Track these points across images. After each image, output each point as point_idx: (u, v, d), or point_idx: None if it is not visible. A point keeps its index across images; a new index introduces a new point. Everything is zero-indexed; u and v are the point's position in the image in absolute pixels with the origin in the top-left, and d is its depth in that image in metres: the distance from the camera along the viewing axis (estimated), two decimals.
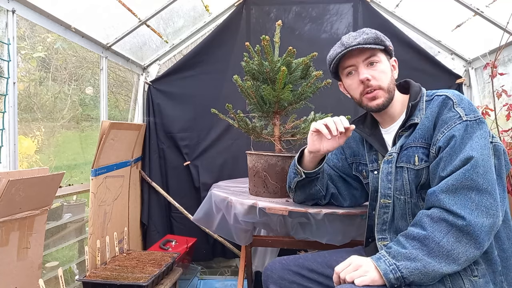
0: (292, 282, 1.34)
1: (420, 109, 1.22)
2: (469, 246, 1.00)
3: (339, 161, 1.53)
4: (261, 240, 2.01)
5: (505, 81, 2.17)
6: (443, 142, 1.11)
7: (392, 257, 1.05)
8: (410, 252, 1.03)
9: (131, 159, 2.44)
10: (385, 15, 2.57)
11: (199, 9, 2.67)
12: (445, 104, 1.16)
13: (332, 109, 1.90)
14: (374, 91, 1.25)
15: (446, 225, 1.02)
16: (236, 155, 2.62)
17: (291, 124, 1.78)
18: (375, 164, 1.36)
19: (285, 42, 1.73)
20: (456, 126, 1.10)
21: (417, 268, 1.01)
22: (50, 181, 1.51)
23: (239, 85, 1.66)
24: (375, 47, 1.24)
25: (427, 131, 1.17)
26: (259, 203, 1.50)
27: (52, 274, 1.90)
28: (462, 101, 1.14)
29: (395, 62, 1.34)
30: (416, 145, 1.19)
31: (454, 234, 1.01)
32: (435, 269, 1.01)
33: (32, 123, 2.56)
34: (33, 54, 2.51)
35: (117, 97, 3.01)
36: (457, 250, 1.00)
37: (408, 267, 1.01)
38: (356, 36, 1.26)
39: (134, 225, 2.57)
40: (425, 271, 1.01)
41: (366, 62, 1.26)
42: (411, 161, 1.19)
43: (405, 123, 1.24)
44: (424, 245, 1.03)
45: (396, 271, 1.02)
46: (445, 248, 1.00)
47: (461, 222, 1.00)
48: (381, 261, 1.05)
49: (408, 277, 1.01)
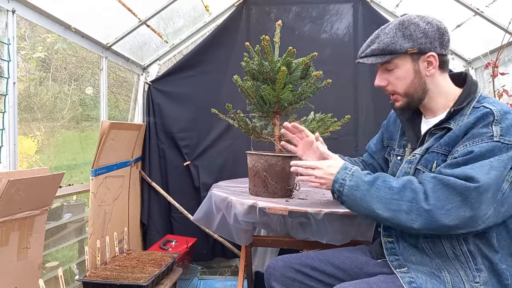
0: (294, 280, 1.34)
1: (463, 114, 1.14)
2: (411, 222, 1.05)
3: (375, 146, 1.54)
4: (261, 240, 2.01)
5: (506, 81, 2.17)
6: (459, 154, 1.07)
7: (351, 174, 1.17)
8: (363, 184, 1.13)
9: (131, 159, 2.44)
10: (385, 15, 2.57)
11: (199, 9, 2.67)
12: (484, 119, 1.07)
13: (332, 109, 1.90)
14: (392, 95, 1.25)
15: (412, 198, 1.06)
16: (236, 155, 2.62)
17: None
18: (401, 150, 1.34)
19: (285, 42, 1.73)
20: (482, 144, 1.04)
21: (355, 195, 1.14)
22: (50, 181, 1.51)
23: (239, 85, 1.66)
24: (378, 61, 1.19)
25: (455, 139, 1.12)
26: (259, 203, 1.50)
27: (52, 274, 1.90)
28: (505, 121, 1.05)
29: (432, 57, 1.17)
30: (439, 152, 1.16)
31: (409, 206, 1.06)
32: (369, 207, 1.11)
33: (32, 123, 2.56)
34: (33, 54, 2.52)
35: (117, 97, 3.01)
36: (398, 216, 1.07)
37: (350, 189, 1.14)
38: (371, 42, 1.22)
39: (134, 225, 2.57)
40: (359, 202, 1.13)
41: (383, 68, 1.23)
42: (428, 166, 1.17)
43: (442, 123, 1.18)
44: (379, 190, 1.11)
45: (342, 185, 1.16)
46: (392, 205, 1.09)
47: (425, 206, 1.04)
48: (344, 171, 1.18)
49: (343, 196, 1.17)
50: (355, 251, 1.39)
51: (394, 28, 1.18)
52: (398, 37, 1.17)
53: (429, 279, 1.09)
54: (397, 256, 1.18)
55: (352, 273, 1.30)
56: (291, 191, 1.69)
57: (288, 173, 1.65)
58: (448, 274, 1.09)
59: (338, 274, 1.32)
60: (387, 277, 1.15)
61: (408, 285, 1.08)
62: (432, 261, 1.12)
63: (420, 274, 1.11)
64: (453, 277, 1.08)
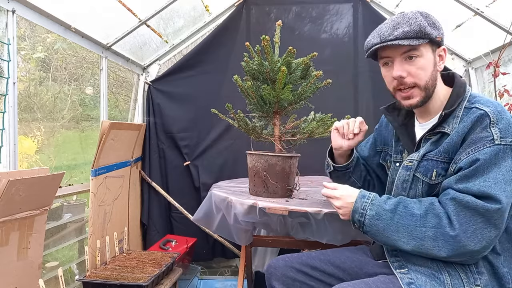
0: (295, 280, 1.34)
1: (455, 117, 1.12)
2: (438, 249, 1.05)
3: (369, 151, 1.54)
4: (261, 240, 2.01)
5: (506, 81, 2.17)
6: (464, 164, 1.05)
7: (371, 203, 1.14)
8: (385, 212, 1.11)
9: (131, 159, 2.44)
10: (385, 15, 2.57)
11: (199, 9, 2.67)
12: (480, 122, 1.05)
13: (332, 109, 1.90)
14: (409, 89, 1.15)
15: (437, 224, 1.05)
16: (236, 155, 2.62)
17: (291, 124, 1.78)
18: (399, 156, 1.33)
19: (285, 42, 1.73)
20: (485, 149, 1.02)
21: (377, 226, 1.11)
22: (50, 181, 1.51)
23: (239, 85, 1.66)
24: (415, 43, 1.09)
25: (453, 146, 1.10)
26: (259, 203, 1.50)
27: (52, 274, 1.90)
28: (502, 121, 1.04)
29: (443, 51, 1.17)
30: (438, 159, 1.13)
31: (435, 233, 1.04)
32: (390, 237, 1.10)
33: (32, 123, 2.56)
34: (33, 54, 2.51)
35: (117, 97, 3.01)
36: (425, 243, 1.05)
37: (372, 220, 1.12)
38: (395, 26, 1.11)
39: (134, 225, 2.57)
40: (382, 233, 1.11)
41: (404, 56, 1.13)
42: (428, 175, 1.16)
43: (435, 128, 1.16)
44: (399, 216, 1.09)
45: (362, 215, 1.13)
46: (418, 233, 1.06)
47: (450, 231, 1.03)
48: (363, 200, 1.15)
49: (366, 226, 1.13)
50: (355, 251, 1.39)
51: (418, 15, 1.12)
52: (425, 23, 1.10)
53: (429, 280, 1.09)
54: (398, 257, 1.18)
55: (352, 272, 1.30)
56: (291, 191, 1.69)
57: (288, 173, 1.66)
58: (448, 276, 1.08)
59: (339, 274, 1.32)
60: (387, 277, 1.15)
61: (407, 286, 1.08)
62: (433, 263, 1.12)
63: (420, 275, 1.10)
64: (453, 279, 1.07)
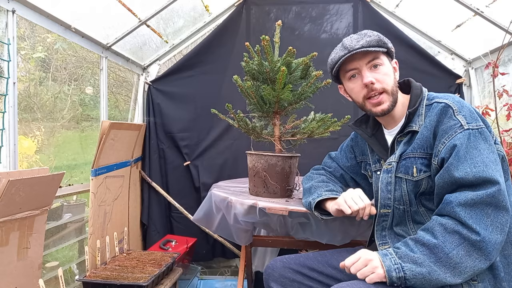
0: (293, 281, 1.34)
1: (419, 115, 1.20)
2: (478, 261, 1.00)
3: (348, 161, 1.53)
4: (261, 240, 2.01)
5: (506, 81, 2.17)
6: (445, 153, 1.09)
7: (399, 257, 1.06)
8: (418, 257, 1.03)
9: (131, 159, 2.44)
10: (385, 15, 2.57)
11: (199, 9, 2.67)
12: (445, 112, 1.12)
13: (332, 109, 1.90)
14: (379, 95, 1.23)
15: (459, 238, 1.01)
16: (236, 155, 2.62)
17: (291, 124, 1.78)
18: (378, 165, 1.36)
19: (285, 42, 1.73)
20: (457, 135, 1.08)
21: (421, 273, 1.01)
22: (50, 181, 1.51)
23: (239, 85, 1.66)
24: (378, 49, 1.22)
25: (426, 140, 1.15)
26: (259, 203, 1.50)
27: (52, 274, 1.90)
28: (463, 109, 1.11)
29: (396, 64, 1.32)
30: (415, 156, 1.18)
31: (465, 248, 1.00)
32: (438, 278, 1.01)
33: (32, 123, 2.56)
34: (33, 54, 2.51)
35: (117, 97, 3.01)
36: (465, 264, 1.00)
37: (412, 270, 1.02)
38: (358, 38, 1.24)
39: (134, 225, 2.57)
40: (429, 278, 1.01)
41: (370, 65, 1.23)
42: (409, 173, 1.19)
43: (404, 129, 1.23)
44: (432, 253, 1.02)
45: (399, 270, 1.03)
46: (453, 260, 1.00)
47: (475, 237, 1.00)
48: (387, 258, 1.06)
49: (410, 279, 1.02)
50: (353, 252, 1.39)
51: (374, 32, 1.27)
52: (382, 36, 1.26)
53: None
54: None
55: (350, 273, 1.30)
56: (291, 191, 1.69)
57: (288, 173, 1.66)
58: None
59: (337, 275, 1.33)
60: None
61: None
62: None
63: None
64: None
